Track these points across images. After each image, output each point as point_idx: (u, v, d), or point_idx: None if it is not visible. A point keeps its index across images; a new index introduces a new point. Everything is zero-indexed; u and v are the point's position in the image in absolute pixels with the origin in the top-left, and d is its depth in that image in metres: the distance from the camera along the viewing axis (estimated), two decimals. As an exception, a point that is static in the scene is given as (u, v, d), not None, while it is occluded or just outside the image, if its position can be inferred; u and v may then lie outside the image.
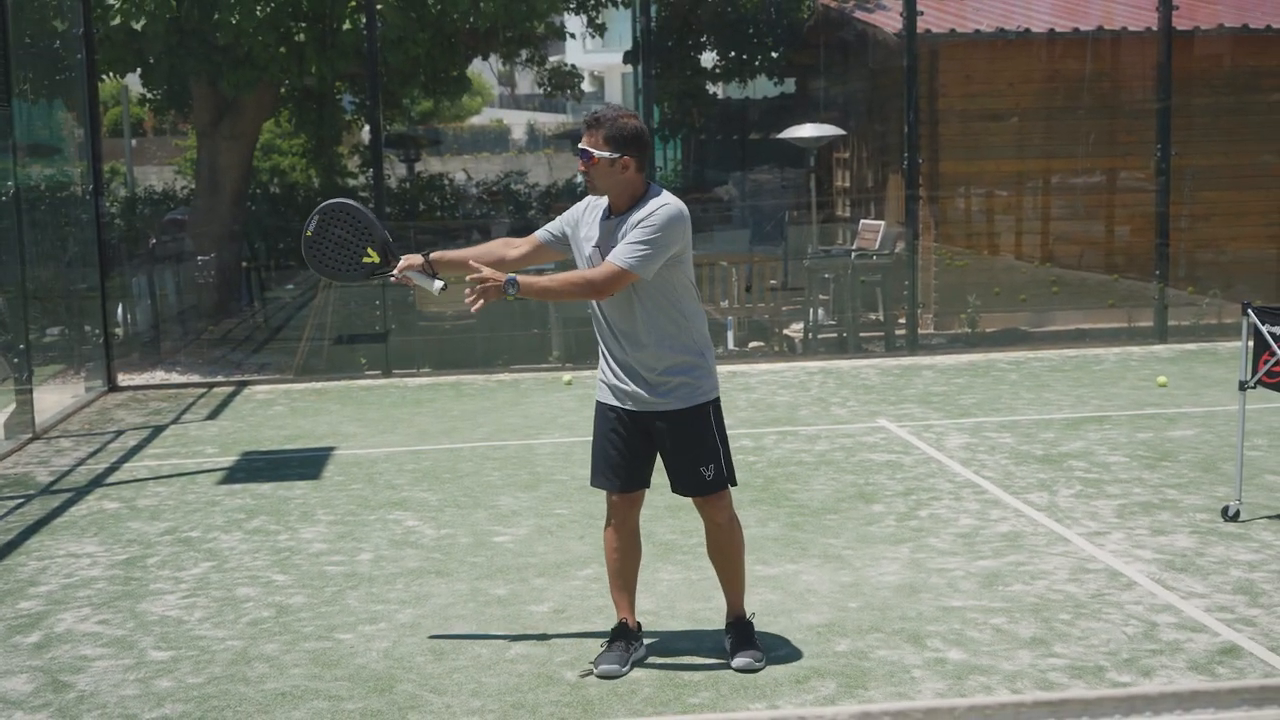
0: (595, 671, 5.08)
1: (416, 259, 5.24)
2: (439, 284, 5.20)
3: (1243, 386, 6.91)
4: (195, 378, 12.56)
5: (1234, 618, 5.53)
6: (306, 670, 5.22)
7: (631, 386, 5.07)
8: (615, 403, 5.15)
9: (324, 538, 7.09)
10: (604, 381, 5.19)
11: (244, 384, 12.16)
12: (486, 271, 4.91)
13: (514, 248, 5.30)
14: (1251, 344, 6.85)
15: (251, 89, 13.18)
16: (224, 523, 7.45)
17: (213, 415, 10.79)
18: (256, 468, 8.86)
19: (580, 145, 4.98)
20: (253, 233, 16.05)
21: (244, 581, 6.38)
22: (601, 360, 5.20)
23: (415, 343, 12.97)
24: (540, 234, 5.29)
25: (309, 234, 5.33)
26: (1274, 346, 6.60)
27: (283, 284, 16.65)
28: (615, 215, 5.04)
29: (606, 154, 4.95)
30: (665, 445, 5.12)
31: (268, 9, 12.09)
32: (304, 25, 12.62)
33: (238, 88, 12.95)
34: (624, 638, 5.21)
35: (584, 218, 5.18)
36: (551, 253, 5.30)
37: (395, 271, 5.26)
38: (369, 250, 5.30)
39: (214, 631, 5.69)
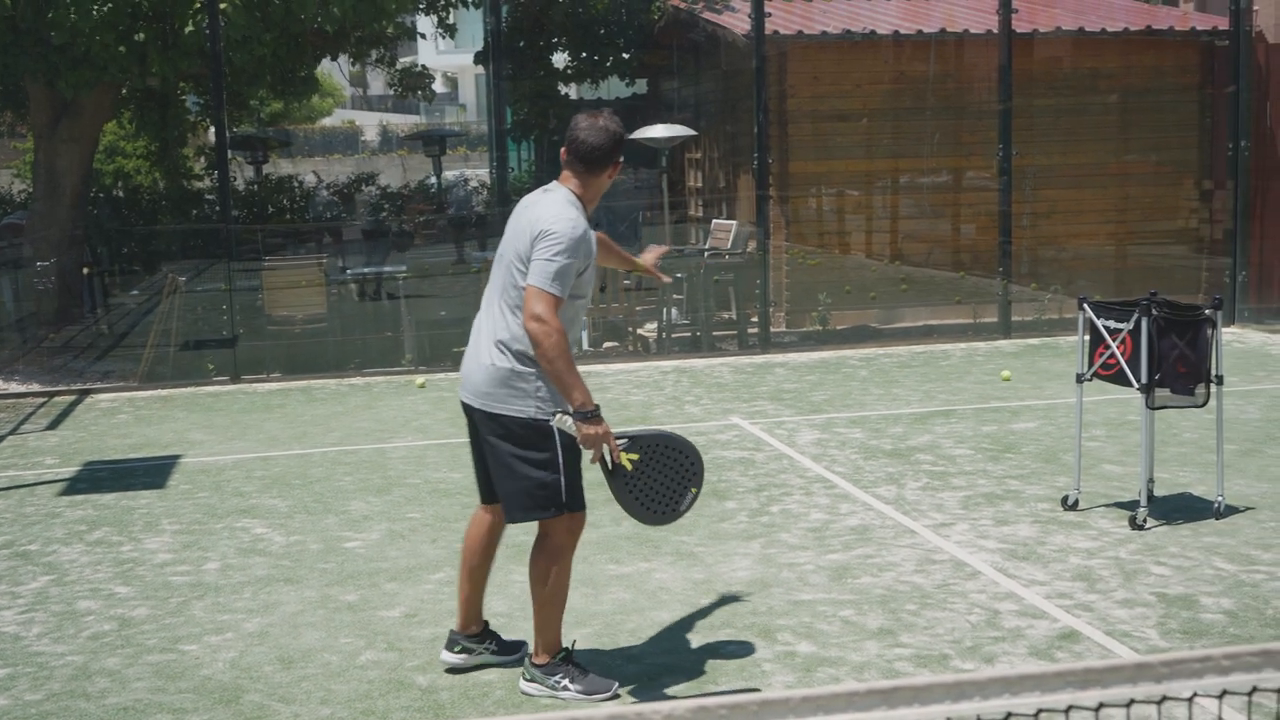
0: (595, 698, 4.85)
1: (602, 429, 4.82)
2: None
3: (1080, 379, 7.11)
4: (35, 386, 12.18)
5: (1073, 604, 5.69)
6: (150, 684, 5.10)
7: None
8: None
9: (169, 548, 6.94)
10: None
11: (86, 392, 11.83)
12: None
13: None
14: (1087, 338, 7.05)
15: (90, 90, 12.82)
16: (64, 535, 7.25)
17: (53, 425, 10.49)
18: (99, 478, 8.62)
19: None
20: (95, 237, 15.63)
21: (85, 595, 6.21)
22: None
23: (264, 347, 12.75)
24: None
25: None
26: (1108, 340, 6.80)
27: (126, 289, 16.25)
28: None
29: None
30: None
31: (105, 8, 11.77)
32: (144, 24, 12.31)
33: (76, 88, 12.58)
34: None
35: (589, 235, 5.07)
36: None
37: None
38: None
39: (53, 647, 5.53)
